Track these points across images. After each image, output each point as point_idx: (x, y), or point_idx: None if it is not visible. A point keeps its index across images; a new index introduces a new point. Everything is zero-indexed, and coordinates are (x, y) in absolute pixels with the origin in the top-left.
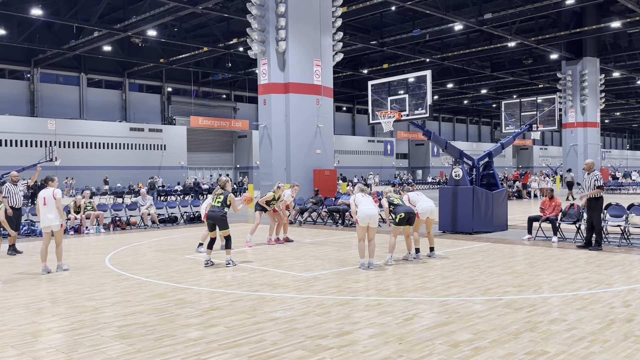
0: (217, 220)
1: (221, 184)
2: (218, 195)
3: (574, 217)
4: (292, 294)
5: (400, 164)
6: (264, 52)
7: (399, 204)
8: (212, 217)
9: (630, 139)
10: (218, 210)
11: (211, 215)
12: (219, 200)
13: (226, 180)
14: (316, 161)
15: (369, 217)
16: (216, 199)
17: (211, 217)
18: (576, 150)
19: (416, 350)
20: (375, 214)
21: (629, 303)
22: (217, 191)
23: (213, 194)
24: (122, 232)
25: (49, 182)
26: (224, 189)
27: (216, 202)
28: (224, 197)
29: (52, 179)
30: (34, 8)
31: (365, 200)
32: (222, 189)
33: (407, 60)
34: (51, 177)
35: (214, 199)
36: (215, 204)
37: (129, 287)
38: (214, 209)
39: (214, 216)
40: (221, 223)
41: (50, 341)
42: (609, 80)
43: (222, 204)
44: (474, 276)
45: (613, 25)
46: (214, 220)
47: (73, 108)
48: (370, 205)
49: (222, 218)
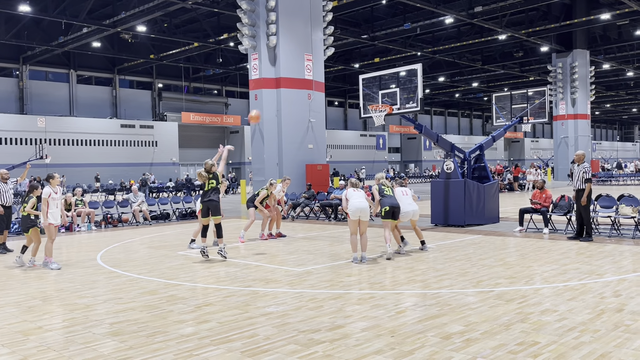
0: (211, 205)
1: (207, 168)
2: (210, 180)
3: (565, 209)
4: (284, 289)
5: (393, 157)
6: (255, 47)
7: (388, 195)
8: (208, 202)
9: (621, 131)
10: (211, 194)
11: (205, 201)
12: (212, 185)
13: (212, 164)
14: (308, 156)
15: (359, 210)
16: (209, 184)
17: (206, 202)
18: (567, 143)
19: (408, 343)
20: (366, 207)
21: (619, 293)
22: (205, 175)
23: (200, 178)
24: (113, 229)
25: (50, 179)
26: (210, 172)
27: (209, 186)
28: (215, 180)
29: (52, 176)
30: (22, 4)
31: (357, 194)
32: (208, 172)
33: (399, 54)
34: (52, 175)
35: (207, 185)
36: (208, 188)
37: (121, 284)
38: (206, 194)
39: (209, 201)
40: (215, 209)
41: (41, 339)
42: (599, 73)
43: (213, 187)
44: (466, 268)
45: (603, 18)
46: (209, 205)
47: (63, 105)
48: (361, 199)
49: (217, 203)
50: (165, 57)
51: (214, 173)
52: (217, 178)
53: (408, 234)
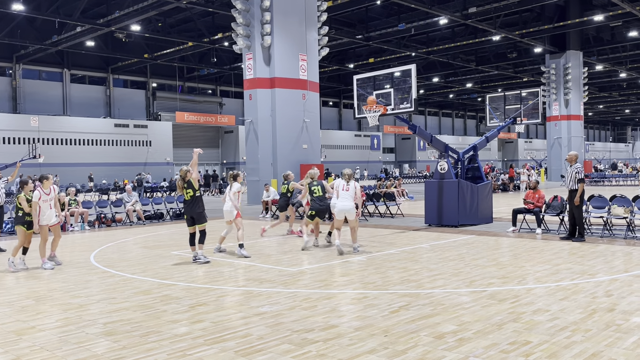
0: (194, 214)
1: (182, 175)
2: (186, 191)
3: (558, 209)
4: (278, 289)
5: (387, 158)
6: (249, 47)
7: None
8: (190, 212)
9: (613, 132)
10: (192, 203)
11: (188, 210)
12: (190, 194)
13: (187, 170)
14: (303, 156)
15: (344, 211)
16: (187, 193)
17: (188, 212)
18: (560, 143)
19: (401, 342)
20: (351, 208)
21: (610, 293)
22: (181, 184)
23: (178, 188)
24: (107, 229)
25: (43, 180)
26: (186, 178)
27: (188, 196)
28: (191, 188)
29: (46, 177)
30: (15, 3)
31: (344, 194)
32: (183, 180)
33: (393, 55)
34: (45, 176)
35: (185, 194)
36: (188, 198)
37: (115, 284)
38: (187, 203)
39: (192, 210)
40: (199, 216)
41: (34, 339)
42: (592, 74)
43: (192, 194)
44: (459, 268)
45: (596, 19)
46: (192, 214)
47: (56, 104)
48: (347, 201)
49: (200, 208)
50: (160, 56)
51: (189, 181)
52: (193, 186)
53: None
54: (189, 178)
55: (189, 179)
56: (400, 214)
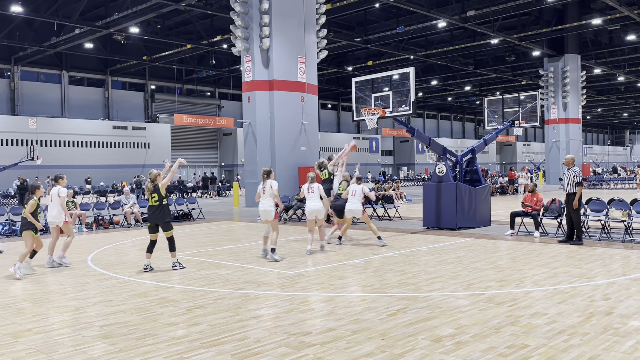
0: (158, 221)
1: (152, 178)
2: (152, 193)
3: (556, 212)
4: (276, 292)
5: (386, 160)
6: (248, 49)
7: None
8: (153, 218)
9: (612, 135)
10: (158, 210)
11: (152, 217)
12: (155, 198)
13: (157, 174)
14: (301, 158)
15: (315, 212)
16: (152, 198)
17: (152, 219)
18: (558, 146)
19: (399, 346)
20: (320, 209)
21: (608, 296)
22: (150, 187)
23: (146, 191)
24: (105, 231)
25: (58, 179)
26: (155, 182)
27: (153, 201)
28: (157, 192)
29: (61, 176)
30: (14, 5)
31: (311, 195)
32: (153, 183)
33: (392, 58)
34: (60, 175)
35: (150, 199)
36: (153, 203)
37: (112, 287)
38: (151, 209)
39: (154, 216)
40: (164, 223)
41: (30, 342)
42: (590, 77)
43: (159, 200)
44: (457, 271)
45: (594, 23)
46: (156, 221)
47: (54, 106)
48: (316, 201)
49: (167, 214)
50: (158, 58)
51: (156, 186)
52: (159, 192)
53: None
54: (158, 182)
55: (157, 183)
56: (398, 217)
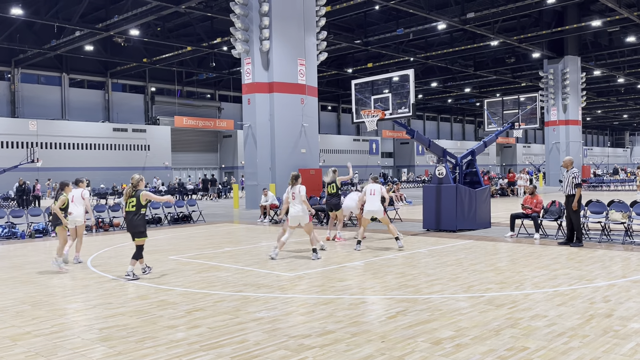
0: (131, 229)
1: (134, 182)
2: (130, 198)
3: (556, 214)
4: (275, 294)
5: (386, 162)
6: (248, 52)
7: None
8: (129, 226)
9: (612, 137)
10: (133, 216)
11: (128, 225)
12: (133, 203)
13: (139, 178)
14: (301, 160)
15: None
16: (129, 202)
17: (128, 227)
18: (558, 148)
19: (398, 348)
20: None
21: (608, 298)
22: (129, 192)
23: (124, 195)
24: (105, 233)
25: (79, 183)
26: (137, 188)
27: (130, 206)
28: (136, 198)
29: (81, 180)
30: (14, 7)
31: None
32: (134, 188)
33: (391, 60)
34: (80, 179)
35: (127, 204)
36: (130, 208)
37: (111, 289)
38: (128, 216)
39: (131, 224)
40: (141, 229)
41: (29, 345)
42: (590, 79)
43: (136, 207)
44: (457, 273)
45: (594, 24)
46: (129, 229)
47: (55, 108)
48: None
49: (141, 223)
50: (158, 60)
51: (137, 192)
52: (139, 199)
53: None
54: (140, 189)
55: (139, 189)
56: (398, 219)
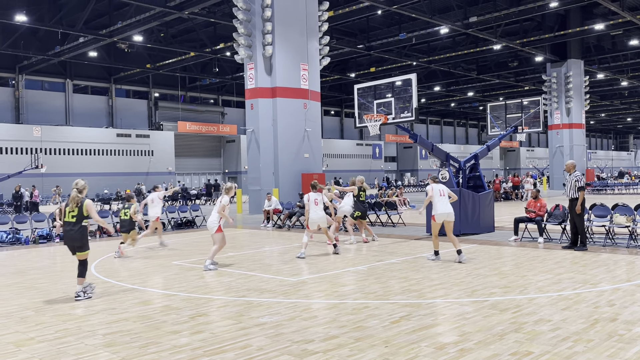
0: (74, 242)
1: (79, 188)
2: (72, 206)
3: (560, 218)
4: (279, 299)
5: (389, 166)
6: (251, 57)
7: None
8: (67, 239)
9: (615, 140)
10: (72, 228)
11: (66, 237)
12: (73, 213)
13: (84, 185)
14: (304, 165)
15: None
16: (69, 212)
17: (66, 239)
18: (562, 152)
19: (402, 353)
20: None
21: (613, 302)
22: (73, 199)
23: (69, 201)
24: (108, 239)
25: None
26: (81, 194)
27: (70, 216)
28: (78, 208)
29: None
30: (19, 14)
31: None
32: (79, 193)
33: (394, 64)
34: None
35: (67, 213)
36: (69, 219)
37: (115, 295)
38: (66, 226)
39: (68, 237)
40: (79, 243)
41: (33, 350)
42: (594, 82)
43: (77, 218)
44: (461, 278)
45: (596, 28)
46: (67, 242)
47: (59, 114)
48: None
49: (80, 237)
50: (162, 66)
51: (82, 200)
52: (82, 210)
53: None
54: (83, 197)
55: (83, 197)
56: (401, 223)
